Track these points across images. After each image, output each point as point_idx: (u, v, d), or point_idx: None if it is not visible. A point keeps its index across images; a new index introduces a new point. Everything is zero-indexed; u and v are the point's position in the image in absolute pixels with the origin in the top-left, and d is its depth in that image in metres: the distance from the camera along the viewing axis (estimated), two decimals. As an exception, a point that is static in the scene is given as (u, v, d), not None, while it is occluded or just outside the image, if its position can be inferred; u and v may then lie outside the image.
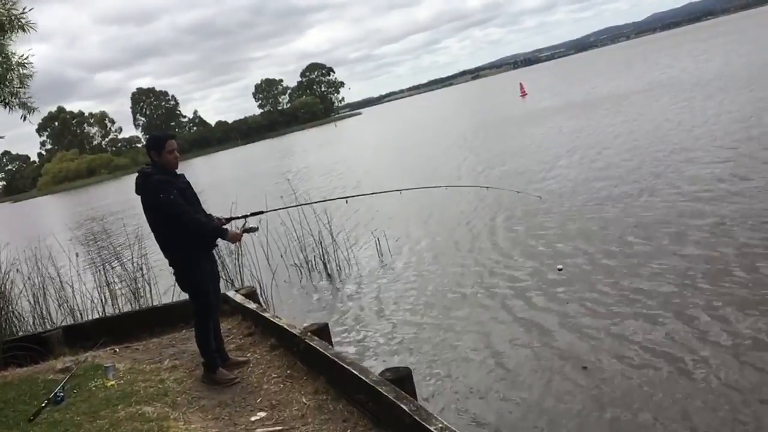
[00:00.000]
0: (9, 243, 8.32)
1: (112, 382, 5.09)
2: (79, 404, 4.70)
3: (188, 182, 5.07)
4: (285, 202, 12.43)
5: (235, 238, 5.02)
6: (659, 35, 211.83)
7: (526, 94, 47.88)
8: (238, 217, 5.31)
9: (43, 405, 4.70)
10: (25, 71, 5.82)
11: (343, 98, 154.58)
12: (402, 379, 3.86)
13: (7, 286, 8.38)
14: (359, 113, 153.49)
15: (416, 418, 3.23)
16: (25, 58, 5.71)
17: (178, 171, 5.06)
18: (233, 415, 4.39)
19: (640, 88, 29.34)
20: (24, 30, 5.56)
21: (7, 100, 5.89)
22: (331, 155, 36.71)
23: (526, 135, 22.88)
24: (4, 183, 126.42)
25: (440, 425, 3.11)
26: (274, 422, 4.16)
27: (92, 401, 4.73)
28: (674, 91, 24.46)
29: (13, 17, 5.41)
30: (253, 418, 4.27)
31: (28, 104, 6.02)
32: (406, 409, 3.34)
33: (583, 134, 19.40)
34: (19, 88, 5.87)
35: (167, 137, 4.97)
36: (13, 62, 5.64)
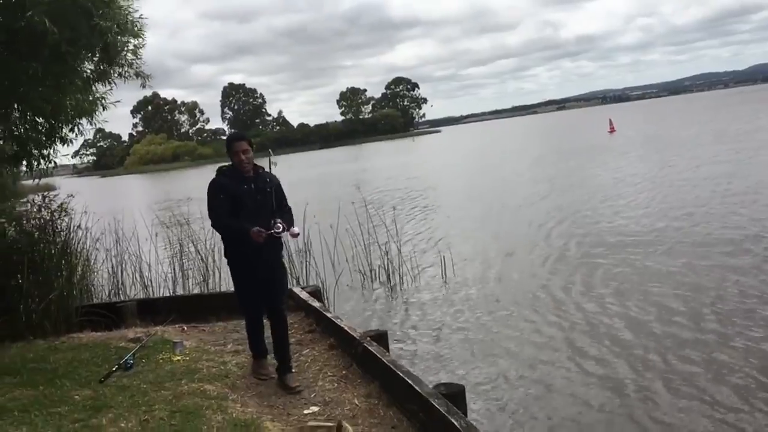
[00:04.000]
0: (96, 213, 8.84)
1: (179, 358, 5.37)
2: (147, 373, 4.99)
3: (271, 183, 4.94)
4: (355, 208, 12.71)
5: (256, 238, 4.63)
6: (761, 86, 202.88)
7: (615, 130, 46.81)
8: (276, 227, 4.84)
9: (114, 369, 5.01)
10: (137, 41, 6.10)
11: (424, 114, 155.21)
12: (455, 395, 3.91)
13: (90, 256, 8.88)
14: (438, 131, 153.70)
15: (465, 434, 3.28)
16: (138, 29, 5.95)
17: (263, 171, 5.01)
18: (287, 406, 4.55)
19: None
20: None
21: (122, 71, 6.25)
22: (406, 169, 36.95)
23: (612, 170, 22.41)
24: (95, 158, 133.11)
25: (488, 444, 3.15)
26: (326, 418, 4.29)
27: (158, 372, 5.01)
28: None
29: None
30: (306, 411, 4.42)
31: (143, 74, 6.33)
32: (457, 425, 3.40)
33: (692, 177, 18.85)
34: (134, 58, 6.20)
35: (234, 138, 4.98)
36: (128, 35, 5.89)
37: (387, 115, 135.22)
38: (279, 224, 4.73)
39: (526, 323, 7.86)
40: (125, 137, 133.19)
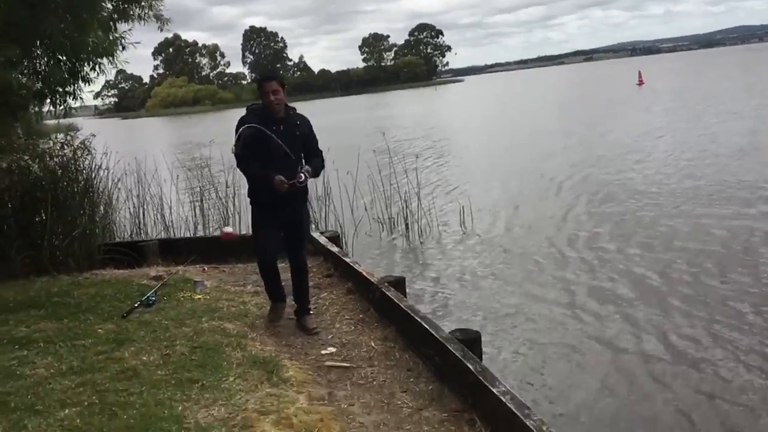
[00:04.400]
0: (117, 153, 8.88)
1: (200, 296, 5.46)
2: (168, 310, 5.08)
3: (302, 126, 4.80)
4: (376, 155, 12.64)
5: (279, 187, 4.55)
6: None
7: (643, 83, 45.73)
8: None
9: (136, 305, 5.11)
10: None
11: (447, 63, 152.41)
12: (471, 341, 3.94)
13: (113, 195, 8.97)
14: (461, 80, 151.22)
15: (480, 378, 3.32)
16: None
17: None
18: (305, 346, 4.63)
19: None
20: None
21: (142, 13, 6.20)
22: (428, 118, 36.58)
23: (637, 123, 22.01)
24: (116, 100, 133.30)
25: (503, 389, 3.18)
26: (343, 359, 4.37)
27: (180, 309, 5.11)
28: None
29: None
30: (323, 352, 4.49)
31: (161, 17, 6.29)
32: (472, 369, 3.43)
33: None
34: (154, 0, 6.14)
35: (264, 78, 4.85)
36: None
37: (409, 62, 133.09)
38: (302, 174, 4.60)
39: (544, 273, 7.91)
40: (146, 79, 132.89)
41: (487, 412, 3.25)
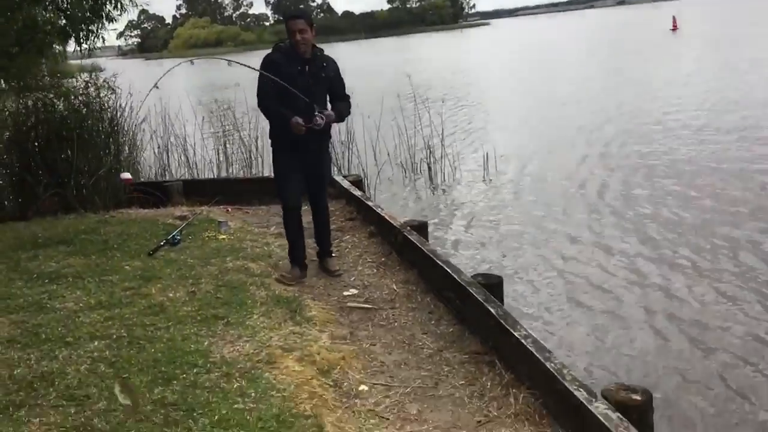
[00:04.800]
0: (141, 93, 8.86)
1: (224, 236, 5.52)
2: (193, 249, 5.15)
3: (328, 68, 4.66)
4: (400, 99, 12.49)
5: (296, 129, 4.43)
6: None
7: (678, 28, 44.16)
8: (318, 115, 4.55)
9: (162, 244, 5.18)
10: None
11: (474, 5, 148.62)
12: (493, 285, 3.95)
13: (137, 135, 9.01)
14: (488, 23, 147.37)
15: (501, 321, 3.33)
16: None
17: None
18: (327, 287, 4.67)
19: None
20: None
21: None
22: (453, 63, 35.89)
23: (668, 70, 21.40)
24: (139, 41, 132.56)
25: (524, 332, 3.20)
26: (364, 300, 4.41)
27: (205, 249, 5.17)
28: None
29: None
30: (345, 293, 4.54)
31: None
32: (493, 312, 3.44)
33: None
34: None
35: (291, 16, 4.64)
36: None
37: (435, 5, 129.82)
38: (319, 118, 4.46)
39: (568, 220, 7.86)
40: (169, 20, 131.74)
41: (508, 354, 3.28)
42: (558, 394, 2.78)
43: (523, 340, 3.11)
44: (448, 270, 4.12)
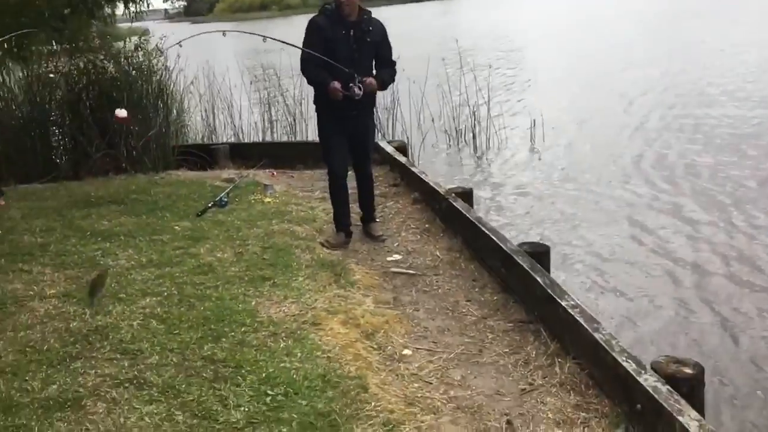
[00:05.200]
0: (188, 56, 8.91)
1: (269, 200, 5.58)
2: (240, 211, 5.22)
3: (375, 33, 4.53)
4: (446, 64, 12.29)
5: (333, 94, 4.37)
6: None
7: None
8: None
9: (210, 205, 5.27)
10: None
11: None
12: (539, 254, 3.90)
13: (184, 98, 9.11)
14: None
15: (549, 291, 3.29)
16: None
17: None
18: (371, 252, 4.69)
19: None
20: None
21: None
22: (501, 26, 35.10)
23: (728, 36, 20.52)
24: (185, 4, 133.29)
25: (571, 302, 3.16)
26: (408, 266, 4.41)
27: (251, 211, 5.24)
28: None
29: None
30: (389, 258, 4.55)
31: None
32: (540, 281, 3.40)
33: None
34: None
35: None
36: None
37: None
38: (357, 88, 4.35)
39: (616, 191, 7.68)
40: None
41: (554, 324, 3.25)
42: (605, 364, 2.75)
43: (570, 310, 3.07)
44: (494, 238, 4.08)
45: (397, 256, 4.60)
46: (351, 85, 4.36)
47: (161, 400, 2.62)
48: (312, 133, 10.24)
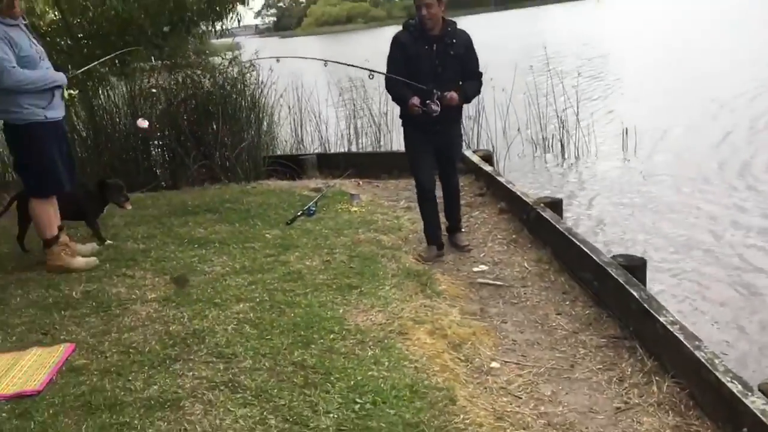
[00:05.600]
0: (278, 70, 9.19)
1: (356, 209, 5.65)
2: (327, 220, 5.32)
3: (458, 45, 4.43)
4: (533, 72, 12.09)
5: (412, 111, 4.36)
6: None
7: None
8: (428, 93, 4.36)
9: (299, 214, 5.40)
10: None
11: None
12: (635, 267, 3.74)
13: (275, 110, 9.40)
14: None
15: (645, 305, 3.16)
16: None
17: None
18: (457, 262, 4.66)
19: None
20: None
21: None
22: (591, 34, 34.21)
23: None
24: (275, 19, 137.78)
25: (670, 318, 3.01)
26: (495, 277, 4.36)
27: (338, 220, 5.32)
28: None
29: None
30: (475, 269, 4.51)
31: None
32: (636, 295, 3.27)
33: None
34: None
35: None
36: None
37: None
38: (434, 104, 4.28)
39: (712, 204, 7.26)
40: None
41: (651, 341, 3.11)
42: (708, 385, 2.61)
43: (669, 326, 2.93)
44: (586, 249, 3.96)
45: (483, 267, 4.55)
46: (428, 102, 4.32)
47: (254, 403, 2.70)
48: (396, 144, 10.33)
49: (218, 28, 8.79)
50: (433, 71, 4.38)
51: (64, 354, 3.19)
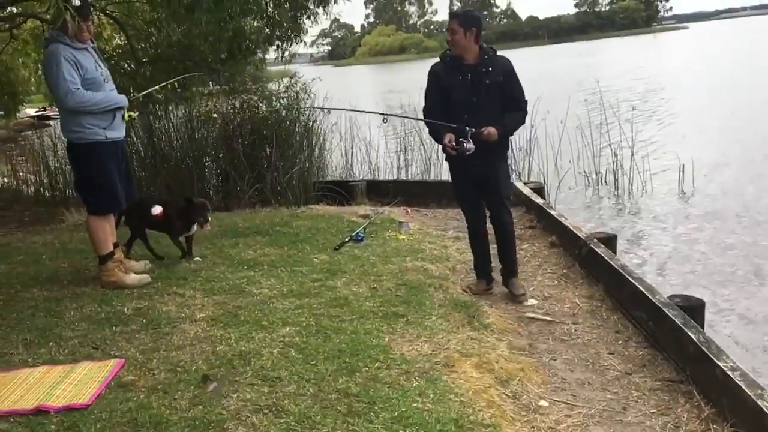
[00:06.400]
0: (332, 98, 9.32)
1: (404, 237, 5.63)
2: (375, 247, 5.31)
3: (494, 74, 4.16)
4: (587, 105, 11.95)
5: (446, 151, 4.22)
6: None
7: None
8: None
9: (347, 240, 5.41)
10: None
11: (671, 8, 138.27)
12: (693, 308, 3.60)
13: (327, 137, 9.53)
14: (686, 27, 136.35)
15: (704, 349, 3.02)
16: None
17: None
18: (505, 296, 4.54)
19: None
20: None
21: None
22: (646, 69, 33.71)
23: None
24: (330, 48, 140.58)
25: (730, 364, 2.87)
26: (544, 312, 4.25)
27: (386, 247, 5.31)
28: None
29: None
30: (525, 303, 4.41)
31: None
32: (694, 338, 3.13)
33: None
34: None
35: (450, 16, 4.32)
36: None
37: (627, 7, 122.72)
38: (466, 143, 4.03)
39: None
40: (357, 28, 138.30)
41: (709, 386, 2.97)
42: (772, 437, 2.46)
43: (729, 372, 2.80)
44: (641, 288, 3.83)
45: (533, 301, 4.45)
46: (461, 139, 4.07)
47: (297, 429, 2.67)
48: (446, 172, 10.28)
49: (275, 56, 9.02)
50: (468, 101, 4.14)
51: (114, 369, 3.24)
